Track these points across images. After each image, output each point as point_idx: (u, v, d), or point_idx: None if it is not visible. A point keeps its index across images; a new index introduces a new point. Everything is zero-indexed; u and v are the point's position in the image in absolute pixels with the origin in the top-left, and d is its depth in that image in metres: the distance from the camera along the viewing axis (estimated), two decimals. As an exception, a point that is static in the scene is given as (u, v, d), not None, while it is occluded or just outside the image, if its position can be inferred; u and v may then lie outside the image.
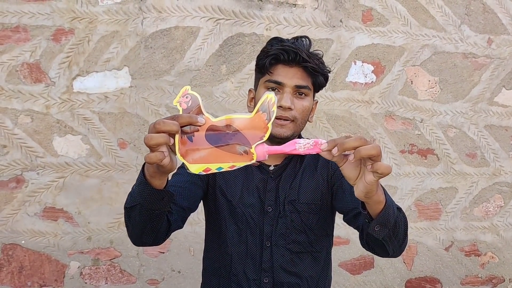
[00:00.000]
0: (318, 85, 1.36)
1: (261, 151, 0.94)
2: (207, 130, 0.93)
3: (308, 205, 1.39)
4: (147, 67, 2.39)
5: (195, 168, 0.93)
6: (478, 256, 2.93)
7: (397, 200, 2.77)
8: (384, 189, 1.03)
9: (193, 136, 0.92)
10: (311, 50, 1.33)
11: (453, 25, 2.73)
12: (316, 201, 1.39)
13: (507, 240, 2.95)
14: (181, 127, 0.89)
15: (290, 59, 1.28)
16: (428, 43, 2.71)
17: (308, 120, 1.38)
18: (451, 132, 2.80)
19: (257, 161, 0.95)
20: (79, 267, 2.42)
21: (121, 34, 2.33)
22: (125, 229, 1.32)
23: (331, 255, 1.51)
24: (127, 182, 2.41)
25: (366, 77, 2.65)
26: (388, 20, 2.65)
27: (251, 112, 0.98)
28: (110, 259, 2.45)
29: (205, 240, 1.51)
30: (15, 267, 2.36)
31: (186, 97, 0.92)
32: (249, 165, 1.01)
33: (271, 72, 1.31)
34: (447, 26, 2.72)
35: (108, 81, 2.35)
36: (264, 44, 2.47)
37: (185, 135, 0.91)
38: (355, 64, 2.63)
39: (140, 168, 2.38)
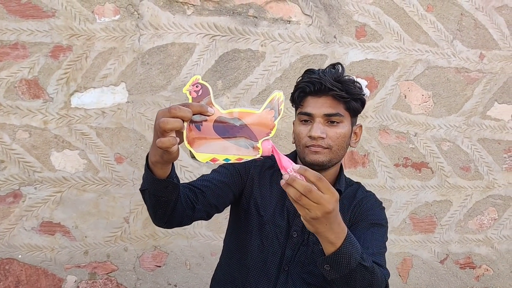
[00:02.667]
0: (353, 110, 1.37)
1: (266, 147, 0.97)
2: (215, 121, 0.94)
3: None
4: (144, 83, 2.42)
5: (202, 158, 0.94)
6: (473, 268, 2.94)
7: (391, 213, 2.79)
8: (351, 240, 1.05)
9: (201, 125, 0.93)
10: (344, 76, 1.34)
11: (446, 41, 2.77)
12: None
13: (502, 252, 2.97)
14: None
15: (315, 89, 1.32)
16: (421, 58, 2.76)
17: (350, 145, 1.41)
18: (445, 146, 2.83)
19: (261, 156, 0.97)
20: (75, 281, 2.43)
21: (118, 50, 2.37)
22: (122, 243, 1.35)
23: None
24: (124, 196, 2.43)
25: (360, 91, 2.69)
26: (382, 36, 2.69)
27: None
28: (107, 273, 2.47)
29: (225, 246, 1.54)
30: (12, 281, 2.37)
31: (196, 86, 0.94)
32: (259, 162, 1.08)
33: (301, 105, 1.36)
34: (439, 41, 2.76)
35: (105, 96, 2.38)
36: (259, 59, 2.52)
37: (193, 124, 0.92)
38: (349, 79, 2.66)
39: (137, 182, 2.41)
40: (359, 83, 1.39)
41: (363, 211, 1.43)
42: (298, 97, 1.36)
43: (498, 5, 2.80)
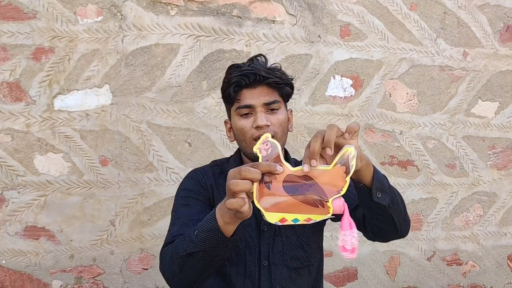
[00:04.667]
0: (286, 95, 1.40)
1: (337, 205, 0.93)
2: (285, 179, 0.94)
3: None
4: (128, 84, 2.40)
5: (271, 218, 0.94)
6: (460, 265, 2.97)
7: (378, 211, 2.80)
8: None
9: (271, 184, 0.93)
10: (268, 65, 1.38)
11: (429, 39, 2.79)
12: None
13: (487, 248, 2.99)
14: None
15: (251, 81, 1.33)
16: (406, 57, 2.77)
17: (288, 130, 1.43)
18: (430, 144, 2.85)
19: (333, 214, 0.93)
20: (61, 286, 2.40)
21: (101, 52, 2.35)
22: (108, 246, 1.33)
23: (323, 267, 1.55)
24: (109, 199, 2.41)
25: (345, 91, 2.70)
26: (366, 35, 2.70)
27: (231, 141, 1.22)
28: (93, 277, 2.44)
29: None
30: (-4, 287, 2.34)
31: (266, 144, 0.96)
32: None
33: (238, 99, 1.35)
34: (423, 40, 2.78)
35: (89, 98, 2.36)
36: (244, 59, 2.51)
37: (262, 183, 0.93)
38: (334, 78, 2.67)
39: (122, 184, 2.39)
40: (283, 70, 1.41)
41: None
42: (233, 92, 1.35)
43: (480, 3, 2.83)
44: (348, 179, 0.93)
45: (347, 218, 0.93)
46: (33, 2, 2.26)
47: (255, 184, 0.92)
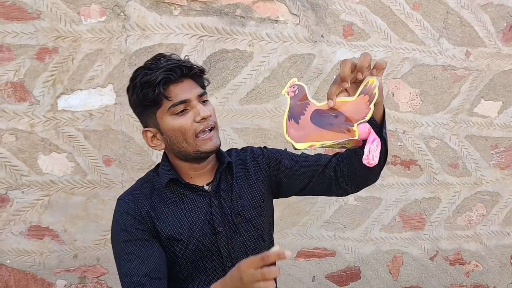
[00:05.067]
0: (204, 86, 1.36)
1: (363, 130, 1.00)
2: (312, 114, 1.04)
3: (254, 209, 1.39)
4: (131, 84, 2.40)
5: (300, 146, 1.03)
6: (463, 264, 2.97)
7: (381, 211, 2.81)
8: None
9: (299, 119, 1.04)
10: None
11: (432, 39, 2.79)
12: (259, 201, 1.40)
13: (490, 248, 2.99)
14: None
15: (179, 75, 1.25)
16: (408, 56, 2.77)
17: None
18: (433, 143, 2.85)
19: (360, 138, 1.00)
20: (65, 285, 2.41)
21: (105, 52, 2.35)
22: (111, 246, 1.33)
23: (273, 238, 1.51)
24: (113, 199, 2.40)
25: (348, 90, 2.70)
26: (369, 35, 2.70)
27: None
28: (97, 277, 2.45)
29: None
30: (0, 286, 2.34)
31: (293, 87, 1.07)
32: (188, 196, 1.22)
33: (169, 97, 1.25)
34: (426, 39, 2.78)
35: (92, 98, 2.37)
36: (247, 59, 2.51)
37: (292, 119, 1.04)
38: (337, 78, 2.67)
39: (126, 184, 2.39)
40: None
41: (268, 158, 1.45)
42: (163, 90, 1.24)
43: (483, 3, 2.83)
44: (372, 106, 0.99)
45: (372, 138, 1.00)
46: (37, 2, 2.27)
47: (285, 119, 1.05)
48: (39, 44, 2.30)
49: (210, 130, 1.29)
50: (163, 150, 1.38)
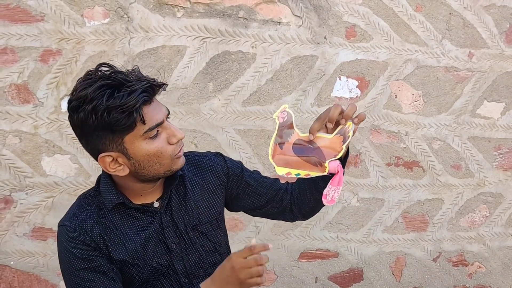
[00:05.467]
0: None
1: (333, 166, 1.14)
2: (295, 142, 1.16)
3: (211, 222, 1.34)
4: (134, 86, 2.41)
5: (280, 170, 1.16)
6: (466, 266, 2.97)
7: (384, 212, 2.81)
8: None
9: (284, 145, 1.16)
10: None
11: (435, 40, 2.79)
12: (215, 214, 1.36)
13: (493, 249, 2.99)
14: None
15: (152, 95, 1.14)
16: (411, 58, 2.77)
17: None
18: (435, 144, 2.85)
19: (328, 173, 1.15)
20: (69, 286, 2.42)
21: (108, 54, 2.36)
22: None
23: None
24: (116, 200, 2.42)
25: (351, 92, 2.70)
26: (371, 36, 2.71)
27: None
28: (100, 278, 2.45)
29: None
30: (4, 288, 2.36)
31: (283, 113, 1.16)
32: (136, 218, 1.24)
33: (146, 121, 1.12)
34: (428, 41, 2.78)
35: (96, 100, 2.37)
36: (250, 61, 2.51)
37: (277, 144, 1.16)
38: (340, 79, 2.68)
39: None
40: None
41: (228, 169, 1.40)
42: (141, 114, 1.10)
43: (486, 4, 2.82)
44: (344, 146, 1.13)
45: (338, 177, 1.15)
46: (41, 5, 2.28)
47: (272, 143, 1.15)
48: (43, 46, 2.31)
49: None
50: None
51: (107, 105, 1.07)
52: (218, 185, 1.38)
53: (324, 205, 1.32)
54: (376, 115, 2.75)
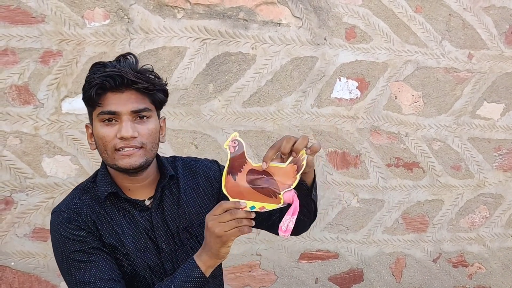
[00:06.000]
0: (158, 103, 1.25)
1: (287, 197, 1.10)
2: (248, 173, 1.11)
3: (202, 226, 1.25)
4: (135, 87, 2.42)
5: (252, 204, 1.11)
6: (466, 267, 2.97)
7: (384, 213, 2.81)
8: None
9: (237, 175, 1.11)
10: (140, 66, 1.24)
11: (435, 41, 2.80)
12: None
13: (494, 250, 2.99)
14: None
15: (117, 84, 1.16)
16: (411, 59, 2.78)
17: (160, 141, 1.28)
18: (435, 145, 2.86)
19: (283, 205, 1.11)
20: (69, 287, 2.42)
21: (108, 55, 2.36)
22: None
23: (222, 270, 1.45)
24: (117, 201, 2.42)
25: (351, 93, 2.71)
26: (371, 37, 2.71)
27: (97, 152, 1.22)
28: (100, 279, 2.45)
29: None
30: (5, 289, 2.36)
31: (234, 142, 1.11)
32: (128, 211, 1.24)
33: (101, 103, 1.18)
34: (428, 42, 2.79)
35: (96, 101, 2.38)
36: (250, 62, 2.52)
37: (230, 175, 1.11)
38: (339, 80, 2.68)
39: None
40: (157, 73, 1.26)
41: (221, 173, 1.37)
42: (95, 95, 1.16)
43: (485, 5, 2.83)
44: (298, 176, 1.09)
45: (293, 207, 1.09)
46: (41, 6, 2.28)
47: (224, 175, 1.11)
48: (43, 48, 2.31)
49: (138, 148, 1.20)
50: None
51: (86, 77, 1.21)
52: (211, 190, 1.38)
53: (308, 222, 1.34)
54: (376, 116, 2.75)
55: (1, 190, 2.32)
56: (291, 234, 1.35)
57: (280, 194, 1.10)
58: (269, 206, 1.11)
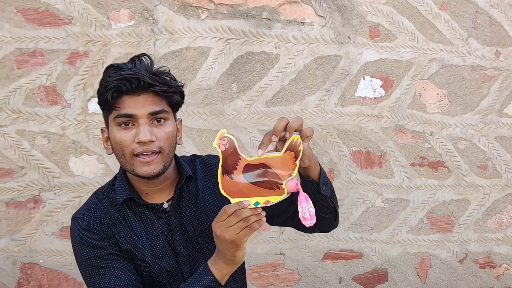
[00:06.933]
0: (175, 105, 1.23)
1: (291, 185, 1.04)
2: (244, 169, 1.05)
3: None
4: (159, 87, 2.44)
5: (236, 202, 1.05)
6: (493, 268, 2.92)
7: (409, 212, 2.78)
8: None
9: (233, 174, 1.05)
10: (155, 68, 1.21)
11: (460, 39, 2.76)
12: None
13: (522, 251, 2.94)
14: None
15: (133, 87, 1.14)
16: (436, 57, 2.74)
17: (177, 143, 1.26)
18: (461, 144, 2.82)
19: (289, 193, 1.05)
20: (95, 285, 2.46)
21: (134, 55, 2.39)
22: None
23: (245, 272, 1.43)
24: (142, 200, 2.45)
25: (375, 91, 2.69)
26: (395, 35, 2.69)
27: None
28: (126, 277, 2.48)
29: None
30: (34, 286, 2.40)
31: (224, 140, 1.05)
32: (146, 215, 1.23)
33: (117, 107, 1.16)
34: (454, 39, 2.75)
35: (122, 101, 2.41)
36: (273, 61, 2.53)
37: (226, 174, 1.05)
38: (363, 79, 2.67)
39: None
40: (173, 75, 1.24)
41: None
42: (112, 98, 1.14)
43: (513, 1, 2.78)
44: (298, 162, 1.04)
45: (302, 194, 1.03)
46: (68, 8, 2.32)
47: (219, 175, 1.05)
48: (70, 49, 2.35)
49: (156, 153, 1.19)
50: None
51: (102, 80, 1.18)
52: None
53: (331, 218, 1.28)
54: (400, 115, 2.73)
55: (30, 189, 2.37)
56: (320, 230, 1.35)
57: (282, 184, 1.04)
58: (274, 199, 1.05)
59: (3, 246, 2.36)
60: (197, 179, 1.32)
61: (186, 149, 2.47)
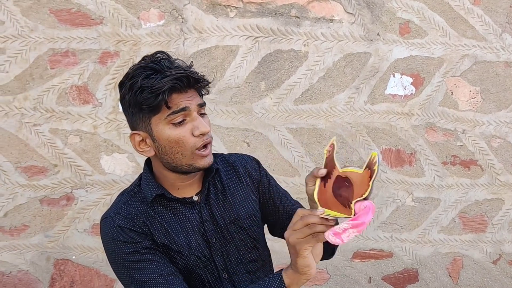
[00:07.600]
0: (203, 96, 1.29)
1: (358, 208, 0.97)
2: (336, 179, 1.03)
3: (250, 218, 1.33)
4: (189, 86, 2.46)
5: (325, 212, 1.00)
6: (528, 269, 2.84)
7: (440, 212, 2.73)
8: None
9: (327, 182, 1.04)
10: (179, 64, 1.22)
11: (494, 34, 2.69)
12: (254, 211, 1.36)
13: (558, 252, 2.85)
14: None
15: (185, 85, 1.17)
16: (468, 53, 2.68)
17: None
18: (495, 143, 2.75)
19: (353, 215, 0.97)
20: (126, 281, 2.49)
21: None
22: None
23: (273, 265, 1.46)
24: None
25: (405, 89, 2.65)
26: (426, 32, 2.64)
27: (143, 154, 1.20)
28: (156, 274, 2.51)
29: None
30: (67, 281, 2.45)
31: (330, 146, 1.05)
32: (178, 209, 1.24)
33: (170, 106, 1.16)
34: (487, 35, 2.68)
35: (152, 100, 2.43)
36: (302, 59, 2.51)
37: (322, 181, 1.04)
38: (393, 76, 2.63)
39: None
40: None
41: (260, 175, 1.41)
42: (167, 98, 1.15)
43: (549, -5, 2.70)
44: (371, 184, 0.96)
45: (359, 220, 0.95)
46: (99, 9, 2.36)
47: (317, 183, 1.04)
48: (101, 49, 2.39)
49: (210, 143, 1.22)
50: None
51: (141, 84, 1.14)
52: (252, 184, 1.38)
53: (330, 250, 1.32)
54: (431, 113, 2.68)
55: (63, 186, 2.41)
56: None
57: (352, 203, 0.98)
58: (340, 215, 0.99)
59: (37, 242, 2.42)
60: (221, 174, 1.34)
61: (215, 147, 2.48)
